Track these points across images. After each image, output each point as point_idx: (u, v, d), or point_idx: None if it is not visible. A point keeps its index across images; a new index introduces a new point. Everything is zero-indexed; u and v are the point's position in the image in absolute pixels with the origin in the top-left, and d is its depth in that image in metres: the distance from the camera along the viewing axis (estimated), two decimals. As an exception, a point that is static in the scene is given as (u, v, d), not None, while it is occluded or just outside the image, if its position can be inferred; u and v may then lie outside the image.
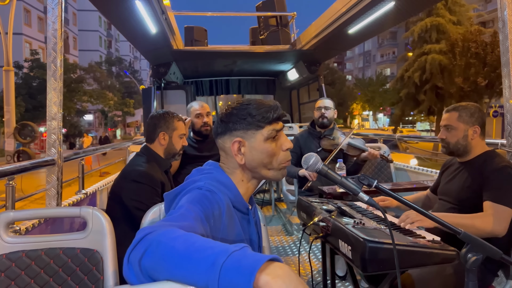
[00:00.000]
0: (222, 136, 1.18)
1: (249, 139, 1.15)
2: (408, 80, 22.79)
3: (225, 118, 1.18)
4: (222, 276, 0.68)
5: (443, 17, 22.91)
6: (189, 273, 0.71)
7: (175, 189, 1.14)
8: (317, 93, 6.83)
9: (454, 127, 2.07)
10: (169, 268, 0.74)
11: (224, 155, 1.21)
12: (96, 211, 1.61)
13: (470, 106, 2.09)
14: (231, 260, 0.70)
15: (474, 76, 18.44)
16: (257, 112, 1.15)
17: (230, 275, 0.68)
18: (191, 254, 0.73)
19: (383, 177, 4.09)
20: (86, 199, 3.05)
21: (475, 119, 2.04)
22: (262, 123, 1.15)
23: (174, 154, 2.39)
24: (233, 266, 0.69)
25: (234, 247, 0.72)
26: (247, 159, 1.16)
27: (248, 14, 8.13)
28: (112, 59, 50.16)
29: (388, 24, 4.71)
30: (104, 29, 53.01)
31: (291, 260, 3.65)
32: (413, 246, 1.43)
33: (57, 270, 1.57)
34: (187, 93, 7.09)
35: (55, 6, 2.32)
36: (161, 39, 4.99)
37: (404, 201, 1.25)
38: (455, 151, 2.10)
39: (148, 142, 2.37)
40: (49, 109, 2.34)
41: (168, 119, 2.36)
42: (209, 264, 0.70)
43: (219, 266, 0.69)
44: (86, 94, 29.61)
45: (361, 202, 1.77)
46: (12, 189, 2.06)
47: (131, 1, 3.61)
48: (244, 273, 0.68)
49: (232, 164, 1.19)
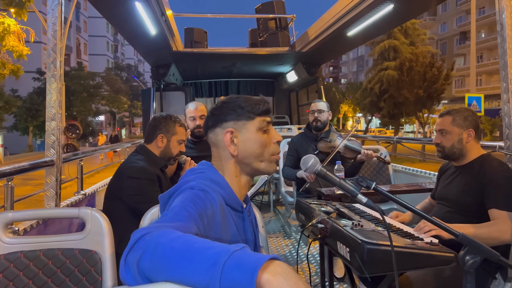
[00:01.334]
0: (213, 129, 1.20)
1: (240, 130, 1.17)
2: (371, 90, 27.84)
3: (216, 111, 1.20)
4: (224, 275, 0.68)
5: (399, 39, 28.75)
6: (190, 273, 0.71)
7: (168, 190, 1.14)
8: (316, 95, 6.84)
9: (449, 131, 2.07)
10: (168, 269, 0.73)
11: (216, 150, 1.21)
12: (95, 212, 1.61)
13: (463, 110, 2.09)
14: (233, 259, 0.70)
15: (417, 89, 23.33)
16: (246, 104, 1.18)
17: (233, 273, 0.68)
18: (192, 254, 0.73)
19: (382, 179, 4.09)
20: (84, 200, 3.05)
21: (469, 122, 2.05)
22: (252, 114, 1.17)
23: (170, 158, 2.38)
24: (235, 265, 0.69)
25: (234, 247, 0.73)
26: (240, 150, 1.17)
27: (248, 16, 8.15)
28: (121, 65, 54.22)
29: (387, 27, 4.73)
30: (111, 34, 56.16)
31: (290, 262, 3.65)
32: (411, 248, 1.44)
33: (55, 271, 1.57)
34: (186, 94, 7.09)
35: (55, 7, 2.32)
36: (160, 40, 5.00)
37: (402, 203, 1.26)
38: (451, 155, 2.11)
39: (146, 142, 2.38)
40: (48, 109, 2.34)
41: (170, 123, 2.36)
42: (210, 263, 0.70)
43: (221, 265, 0.69)
44: (104, 99, 33.25)
45: (360, 204, 1.78)
46: (11, 189, 2.06)
47: (131, 2, 3.61)
48: (246, 271, 0.68)
49: (225, 158, 1.19)
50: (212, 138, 1.21)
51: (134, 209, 2.12)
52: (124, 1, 3.58)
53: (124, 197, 2.16)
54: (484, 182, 1.93)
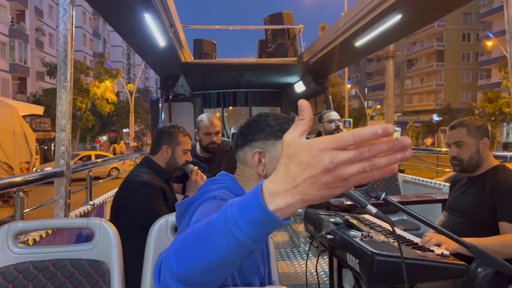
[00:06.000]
0: (242, 148, 1.21)
1: (269, 150, 1.17)
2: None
3: (245, 130, 1.20)
4: (238, 221, 0.67)
5: (330, 89, 34.62)
6: (215, 245, 0.70)
7: (188, 199, 1.13)
8: (324, 105, 6.83)
9: (465, 143, 2.01)
10: (199, 258, 0.72)
11: (242, 167, 1.22)
12: (104, 223, 1.61)
13: (473, 120, 2.05)
14: (235, 207, 0.69)
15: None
16: (275, 122, 1.18)
17: (244, 215, 0.67)
18: (205, 232, 0.72)
19: (391, 190, 4.06)
20: (93, 211, 3.06)
21: (483, 131, 2.02)
22: (281, 133, 1.16)
23: (176, 168, 2.37)
24: (240, 209, 0.68)
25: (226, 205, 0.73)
26: (268, 170, 1.17)
27: (256, 28, 8.20)
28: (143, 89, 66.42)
29: (395, 37, 4.72)
30: (125, 44, 64.09)
31: (298, 274, 3.61)
32: (422, 260, 1.42)
33: (64, 282, 1.57)
34: (194, 105, 7.12)
35: (66, 20, 2.36)
36: (169, 52, 5.04)
37: (412, 213, 1.24)
38: (469, 167, 2.04)
39: (151, 153, 2.38)
40: (58, 120, 2.36)
41: (173, 133, 2.35)
42: (222, 224, 0.69)
43: (231, 217, 0.68)
44: (139, 117, 41.37)
45: (369, 215, 1.76)
46: (21, 200, 2.07)
47: (140, 14, 3.66)
48: (252, 204, 0.67)
49: (250, 175, 1.20)
50: (241, 156, 1.22)
51: (139, 222, 2.12)
52: (133, 13, 3.63)
53: (129, 210, 2.16)
54: (496, 194, 1.90)
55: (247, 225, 0.66)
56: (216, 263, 0.71)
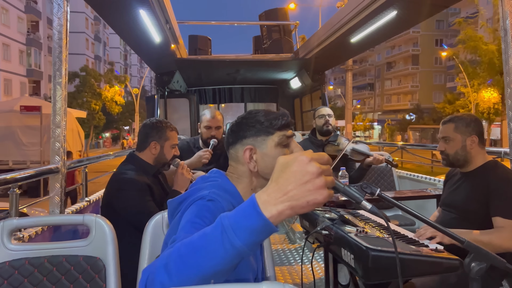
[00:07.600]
0: (234, 145, 1.21)
1: (260, 146, 1.17)
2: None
3: (235, 128, 1.21)
4: (235, 229, 0.73)
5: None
6: (212, 254, 0.74)
7: (179, 196, 1.14)
8: (320, 101, 6.84)
9: (452, 138, 2.06)
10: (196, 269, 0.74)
11: (234, 164, 1.22)
12: (99, 219, 1.61)
13: (465, 116, 2.08)
14: (230, 216, 0.75)
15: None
16: (265, 119, 1.18)
17: (240, 222, 0.74)
18: (199, 243, 0.75)
19: (386, 185, 4.08)
20: (89, 207, 3.05)
21: (472, 128, 2.04)
22: (271, 129, 1.17)
23: (164, 163, 2.36)
24: (235, 217, 0.75)
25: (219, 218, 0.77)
26: (260, 166, 1.17)
27: (251, 23, 8.19)
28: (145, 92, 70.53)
29: (391, 33, 4.73)
30: (122, 46, 66.92)
31: (294, 269, 3.63)
32: (416, 255, 1.43)
33: (59, 278, 1.57)
34: (190, 101, 7.11)
35: (61, 16, 2.34)
36: (164, 48, 5.02)
37: (407, 209, 1.25)
38: (455, 162, 2.09)
39: (138, 150, 2.34)
40: (53, 117, 2.34)
41: (161, 128, 2.32)
42: (219, 234, 0.74)
43: (228, 226, 0.74)
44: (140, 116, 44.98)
45: (364, 211, 1.77)
46: (16, 196, 2.06)
47: (135, 10, 3.64)
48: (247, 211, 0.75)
49: (242, 172, 1.20)
50: (232, 153, 1.22)
51: (128, 219, 2.12)
52: (128, 9, 3.61)
53: (117, 209, 2.15)
54: (489, 190, 1.91)
55: (245, 232, 0.73)
56: (211, 272, 0.74)
